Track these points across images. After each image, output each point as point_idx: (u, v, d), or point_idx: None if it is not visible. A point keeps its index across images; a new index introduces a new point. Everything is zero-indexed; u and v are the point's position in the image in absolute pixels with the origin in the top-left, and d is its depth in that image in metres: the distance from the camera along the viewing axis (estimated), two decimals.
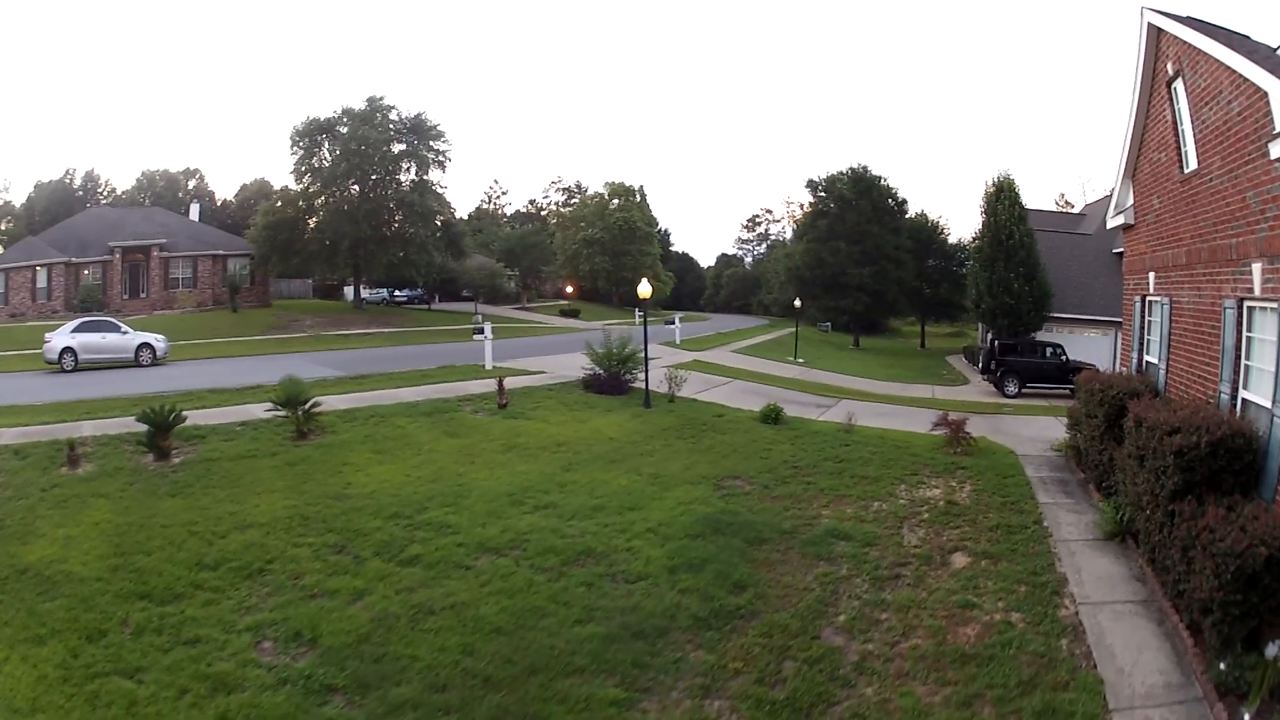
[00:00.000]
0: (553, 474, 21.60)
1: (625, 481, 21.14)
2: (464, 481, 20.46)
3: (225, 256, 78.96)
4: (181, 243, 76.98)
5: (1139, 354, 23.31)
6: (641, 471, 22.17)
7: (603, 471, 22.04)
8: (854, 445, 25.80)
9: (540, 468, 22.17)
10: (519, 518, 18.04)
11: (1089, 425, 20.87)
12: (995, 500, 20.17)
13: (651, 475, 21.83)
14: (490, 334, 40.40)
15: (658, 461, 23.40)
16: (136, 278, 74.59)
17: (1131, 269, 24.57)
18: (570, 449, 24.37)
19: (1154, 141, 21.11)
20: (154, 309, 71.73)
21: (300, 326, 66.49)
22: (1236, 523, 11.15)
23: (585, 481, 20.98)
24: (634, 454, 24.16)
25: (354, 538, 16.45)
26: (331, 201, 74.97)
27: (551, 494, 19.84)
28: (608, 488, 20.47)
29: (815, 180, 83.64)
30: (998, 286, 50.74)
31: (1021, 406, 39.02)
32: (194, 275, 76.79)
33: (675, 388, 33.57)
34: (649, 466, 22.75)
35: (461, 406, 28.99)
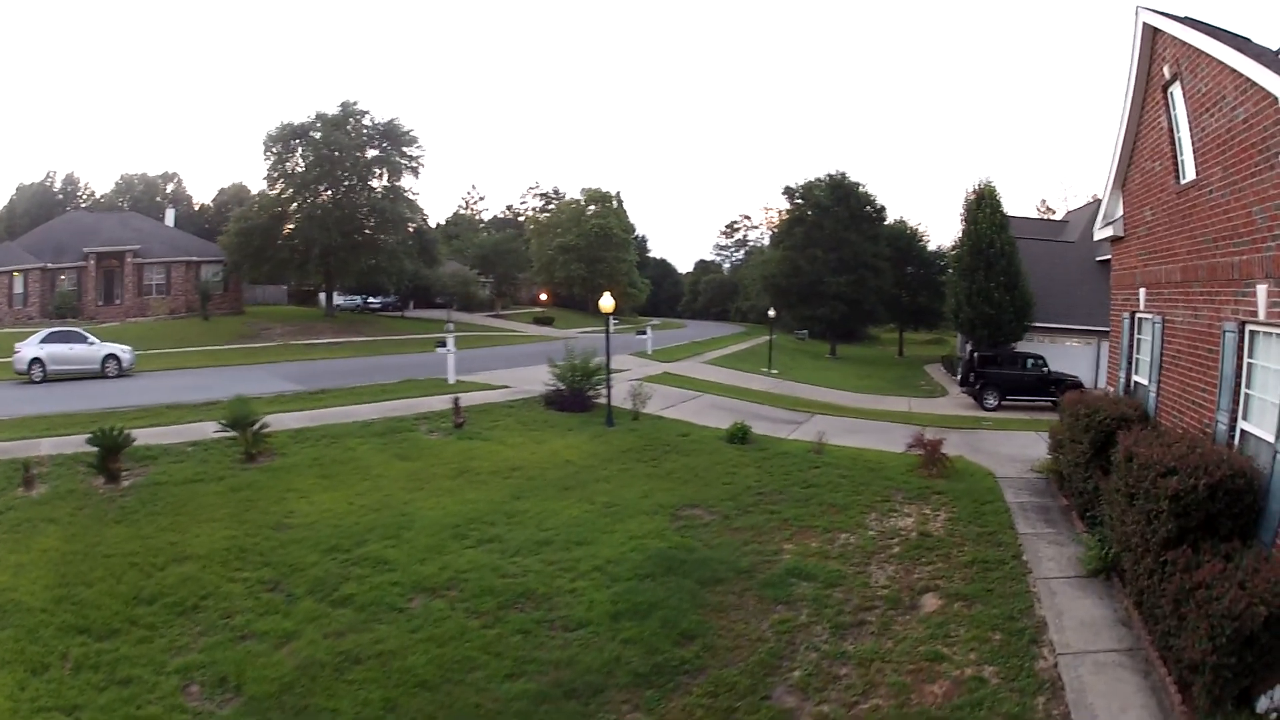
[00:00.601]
0: (502, 503, 20.37)
1: (577, 511, 19.87)
2: (409, 511, 19.40)
3: (199, 263, 77.26)
4: (155, 248, 75.22)
5: (1127, 374, 22.11)
6: (595, 500, 20.91)
7: (555, 500, 20.80)
8: (824, 468, 24.55)
9: (490, 495, 20.93)
10: (460, 553, 16.89)
11: (1073, 450, 19.68)
12: (971, 530, 18.99)
13: (605, 504, 20.55)
14: (453, 346, 38.82)
15: (614, 488, 22.14)
16: (111, 284, 72.84)
17: (1120, 283, 23.35)
18: (524, 474, 23.14)
19: (1147, 150, 19.98)
20: (127, 316, 70.13)
21: (270, 335, 64.89)
22: (1234, 578, 10.10)
23: (535, 512, 19.75)
24: (590, 480, 22.91)
25: (289, 573, 15.59)
26: (303, 208, 73.41)
27: (498, 526, 18.63)
28: (558, 519, 19.24)
29: (792, 187, 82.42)
30: (977, 296, 49.41)
31: (1001, 420, 37.94)
32: (167, 282, 75.03)
33: (639, 405, 32.21)
34: (604, 494, 21.48)
35: (417, 426, 27.82)
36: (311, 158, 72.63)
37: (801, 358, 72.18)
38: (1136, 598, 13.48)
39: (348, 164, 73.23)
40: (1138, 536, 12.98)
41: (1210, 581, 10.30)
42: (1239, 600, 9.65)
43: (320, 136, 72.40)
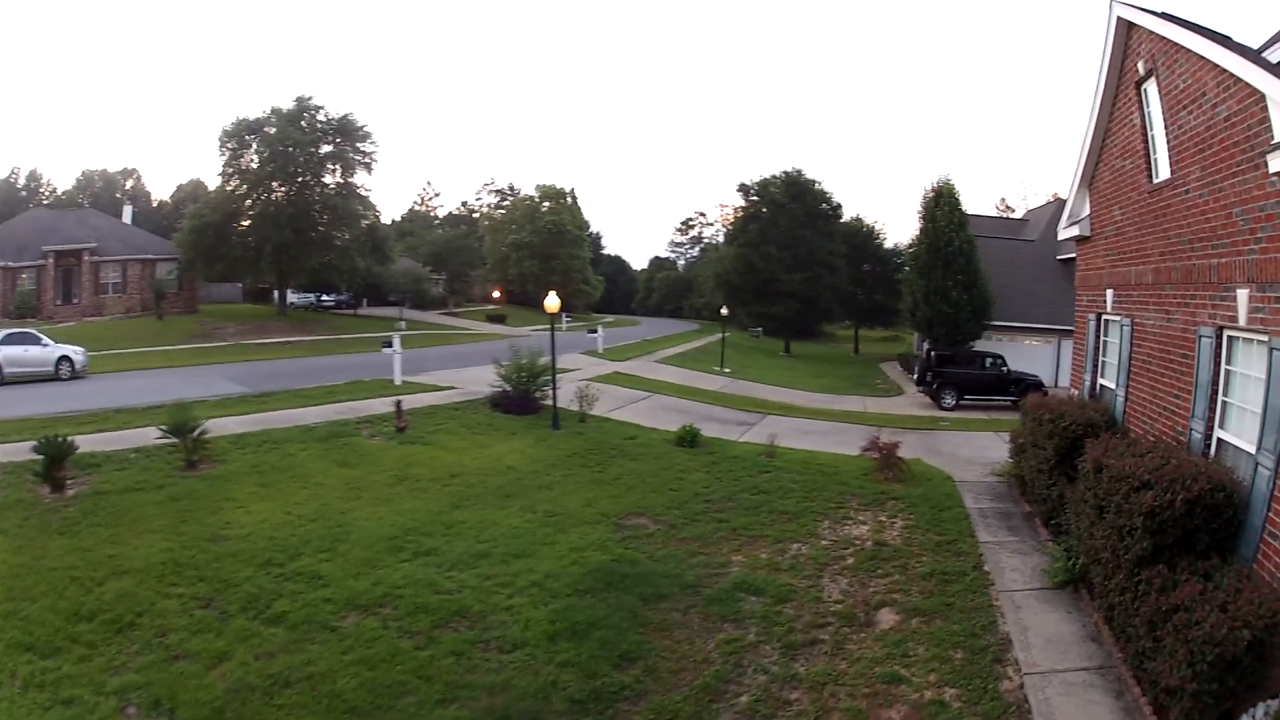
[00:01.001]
0: (440, 512, 19.37)
1: (517, 521, 18.94)
2: (345, 521, 18.37)
3: (154, 260, 75.59)
4: (112, 246, 73.28)
5: (1092, 376, 21.32)
6: (536, 509, 19.99)
7: (495, 509, 19.85)
8: (776, 472, 23.78)
9: (428, 504, 19.94)
10: (395, 567, 15.93)
11: (1036, 456, 19.00)
12: (930, 539, 18.27)
13: (547, 513, 19.64)
14: (399, 347, 37.55)
15: (556, 496, 21.21)
16: (69, 283, 70.98)
17: (1086, 284, 22.53)
18: (464, 481, 22.13)
19: (1118, 147, 19.22)
20: (84, 315, 68.42)
21: (222, 335, 63.82)
22: (1215, 600, 9.53)
23: (474, 522, 18.77)
24: (532, 486, 21.97)
25: (223, 589, 14.67)
26: (257, 204, 72.34)
27: (435, 537, 17.64)
28: (497, 529, 18.29)
29: (747, 184, 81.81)
30: (935, 294, 49.15)
31: (959, 421, 37.36)
32: (124, 280, 73.22)
33: (586, 406, 31.18)
34: (546, 502, 20.56)
35: (360, 430, 26.66)
36: (265, 153, 71.35)
37: (756, 356, 71.59)
38: (1107, 613, 12.92)
39: (301, 160, 71.98)
40: (1108, 551, 12.37)
41: (1189, 604, 9.73)
42: (1220, 625, 9.09)
43: (275, 132, 71.10)
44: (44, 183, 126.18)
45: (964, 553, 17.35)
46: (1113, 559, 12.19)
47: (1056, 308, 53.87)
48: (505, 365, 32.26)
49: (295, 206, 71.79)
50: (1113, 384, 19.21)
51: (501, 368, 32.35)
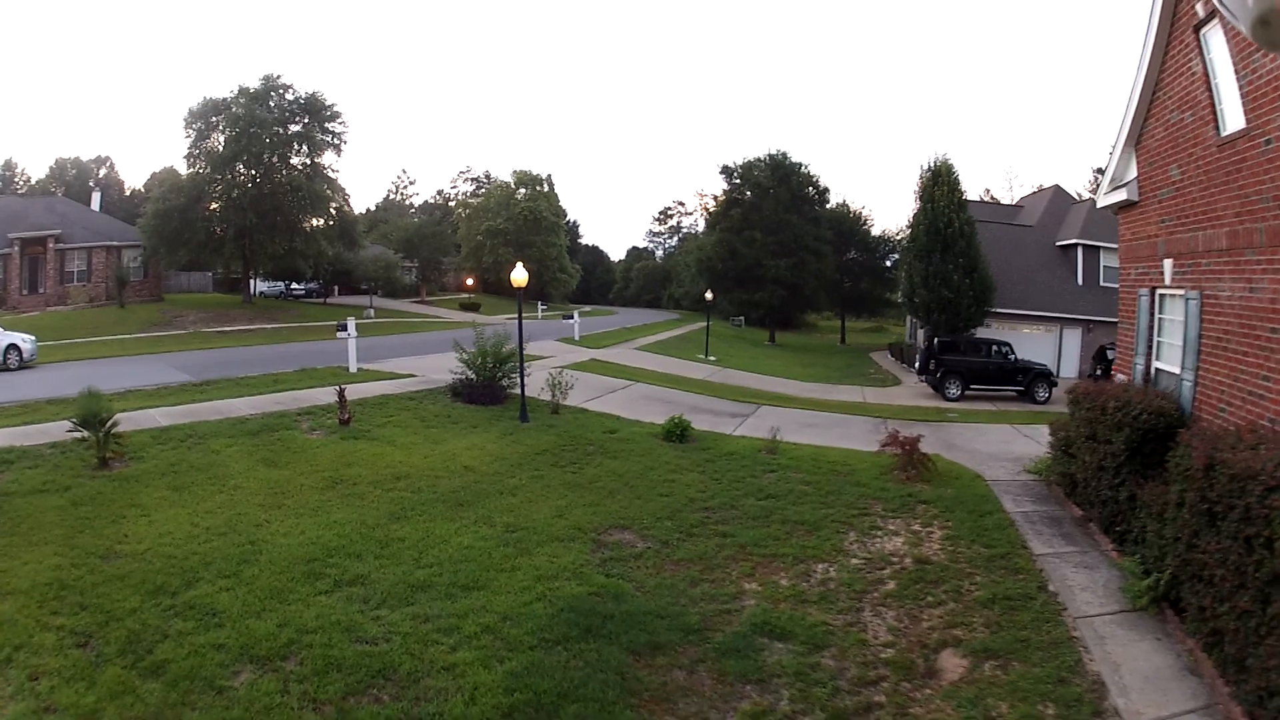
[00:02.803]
0: (376, 526, 15.84)
1: (470, 538, 15.34)
2: (259, 537, 14.95)
3: (119, 248, 72.74)
4: (78, 234, 70.64)
5: (1146, 360, 18.56)
6: (495, 521, 16.36)
7: (444, 521, 16.26)
8: (781, 471, 20.47)
9: (363, 515, 16.39)
10: (310, 601, 12.41)
11: (1094, 451, 16.15)
12: (978, 553, 15.11)
13: (508, 527, 16.05)
14: (354, 331, 34.56)
15: (521, 504, 17.62)
16: (35, 271, 68.60)
17: (1134, 255, 19.82)
18: (410, 485, 18.58)
19: (1173, 99, 16.98)
20: (49, 304, 66.34)
21: (182, 323, 61.90)
22: None
23: (415, 539, 15.18)
24: (492, 492, 18.38)
25: (105, 623, 11.59)
26: (221, 186, 69.41)
27: (365, 560, 14.08)
28: (444, 550, 14.70)
29: (730, 166, 79.49)
30: (935, 279, 46.43)
31: (967, 412, 34.41)
32: (89, 268, 70.74)
33: (560, 396, 27.75)
34: (508, 512, 16.99)
35: (299, 422, 23.61)
36: (230, 134, 68.45)
37: (740, 345, 69.01)
38: (1207, 639, 10.72)
39: (266, 140, 69.02)
40: (1223, 567, 10.17)
41: None
42: None
43: (241, 112, 68.02)
44: (18, 172, 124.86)
45: (1021, 569, 14.33)
46: (1232, 576, 9.99)
47: (1056, 295, 52.40)
48: (469, 350, 28.93)
49: (260, 189, 69.27)
50: (1175, 367, 16.72)
51: (464, 353, 28.96)
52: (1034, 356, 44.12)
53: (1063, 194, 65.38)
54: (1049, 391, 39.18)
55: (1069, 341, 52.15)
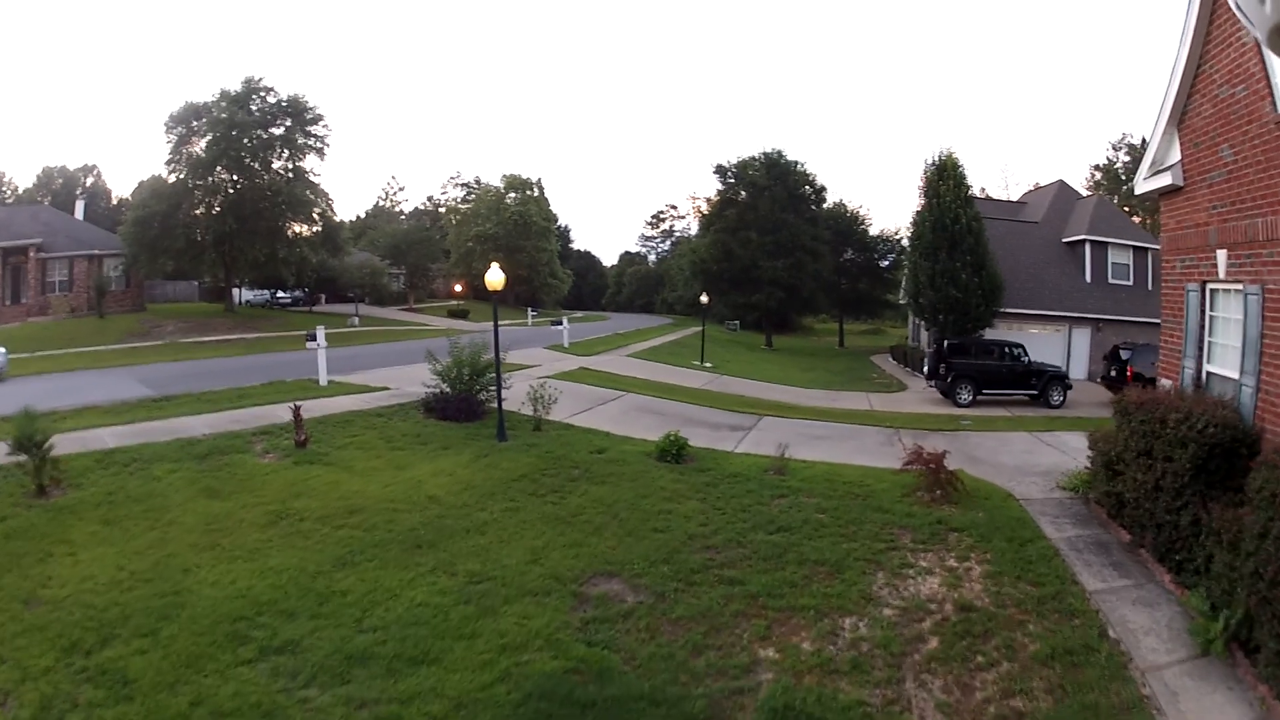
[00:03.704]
0: (318, 573, 13.73)
1: (425, 592, 13.11)
2: (185, 585, 13.01)
3: (101, 256, 70.92)
4: (60, 243, 69.00)
5: (1196, 363, 16.62)
6: (458, 568, 14.16)
7: (397, 568, 14.13)
8: (792, 495, 18.21)
9: (304, 560, 14.27)
10: (229, 673, 10.48)
11: (1150, 469, 14.29)
12: (1025, 592, 13.18)
13: (473, 576, 13.78)
14: (323, 341, 32.22)
15: (491, 544, 15.30)
16: (18, 281, 67.25)
17: (1179, 246, 17.76)
18: (364, 521, 16.35)
19: (1221, 73, 15.35)
20: (30, 315, 64.77)
21: (160, 333, 60.16)
22: None
23: (361, 592, 13.10)
24: (458, 529, 16.02)
25: (19, 683, 10.20)
26: (201, 193, 67.64)
27: (299, 620, 12.05)
28: (393, 607, 12.59)
29: (725, 165, 77.62)
30: (942, 278, 44.20)
31: (981, 419, 32.11)
32: (70, 278, 69.04)
33: (542, 410, 25.38)
34: (474, 556, 14.70)
35: (252, 444, 21.44)
36: (211, 138, 66.57)
37: (736, 349, 67.09)
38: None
39: (247, 143, 67.11)
40: None
41: None
42: None
43: (223, 116, 66.07)
44: (6, 181, 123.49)
45: (1076, 611, 12.47)
46: None
47: (1064, 293, 50.89)
48: (444, 361, 26.64)
49: (240, 194, 67.53)
50: (1231, 371, 15.01)
51: (438, 364, 26.62)
52: (1042, 357, 42.47)
53: (1067, 189, 63.45)
54: (1064, 395, 37.25)
55: (1078, 341, 50.40)
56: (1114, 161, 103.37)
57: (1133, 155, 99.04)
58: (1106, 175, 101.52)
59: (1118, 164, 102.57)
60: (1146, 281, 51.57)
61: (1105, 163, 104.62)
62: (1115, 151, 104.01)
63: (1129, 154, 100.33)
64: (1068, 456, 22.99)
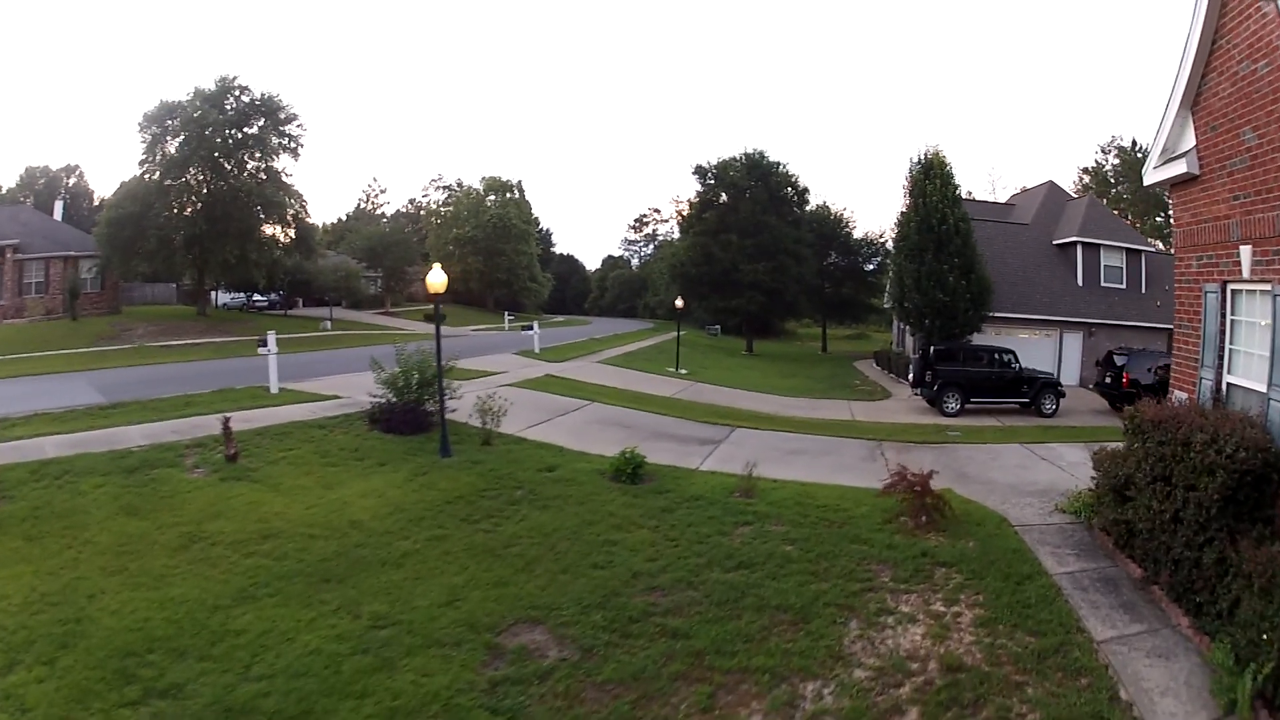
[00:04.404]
0: (217, 607, 12.22)
1: (321, 636, 11.37)
2: (89, 612, 11.98)
3: (78, 258, 69.57)
4: (38, 244, 67.45)
5: (1216, 374, 14.81)
6: (364, 608, 12.31)
7: (299, 604, 12.39)
8: (758, 523, 16.21)
9: (206, 591, 12.77)
10: (114, 714, 9.48)
11: (1164, 496, 12.64)
12: (1024, 644, 11.28)
13: (377, 619, 11.87)
14: (274, 347, 30.68)
15: (406, 581, 13.45)
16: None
17: (1195, 242, 15.91)
18: (276, 548, 14.64)
19: (1239, 48, 13.82)
20: (6, 316, 63.22)
21: (130, 337, 58.62)
22: None
23: (257, 632, 11.48)
24: (374, 561, 14.19)
25: None
26: (173, 191, 66.04)
27: (189, 660, 10.72)
28: (285, 653, 10.88)
29: (705, 166, 75.58)
30: (928, 281, 42.12)
31: (970, 430, 30.29)
32: (46, 279, 67.62)
33: (492, 423, 23.36)
34: (384, 594, 12.90)
35: (184, 457, 19.91)
36: (184, 137, 65.13)
37: (715, 355, 65.35)
38: None
39: (220, 142, 65.80)
40: None
41: None
42: None
43: (196, 115, 64.61)
44: None
45: (1083, 668, 10.68)
46: None
47: (1055, 297, 49.57)
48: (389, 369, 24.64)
49: (212, 195, 66.12)
50: (1258, 383, 13.43)
51: (384, 372, 24.59)
52: (1033, 363, 40.46)
53: (1057, 190, 61.65)
54: (1056, 403, 35.40)
55: (1070, 346, 48.82)
56: (1103, 164, 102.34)
57: (1122, 158, 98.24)
58: (1095, 178, 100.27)
59: (1107, 166, 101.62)
60: (1140, 285, 50.25)
61: (1094, 165, 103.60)
62: (1104, 154, 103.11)
63: (1119, 156, 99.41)
64: (1065, 473, 21.46)
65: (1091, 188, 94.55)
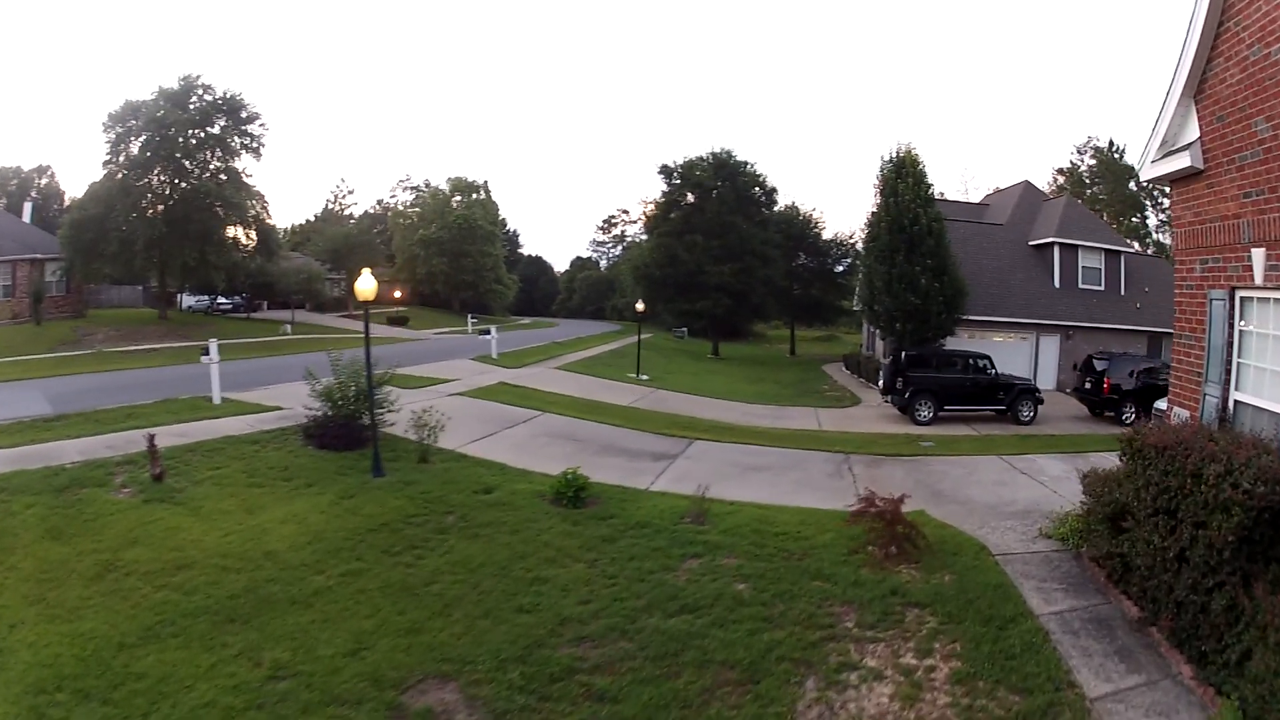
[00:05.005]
0: (123, 646, 11.28)
1: (217, 687, 10.22)
2: (9, 642, 11.40)
3: (44, 261, 67.94)
4: (5, 245, 65.45)
5: (1222, 390, 13.50)
6: (265, 655, 11.02)
7: (201, 648, 11.24)
8: (708, 555, 14.56)
9: (115, 626, 11.80)
10: None
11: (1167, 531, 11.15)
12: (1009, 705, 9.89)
13: (276, 669, 10.59)
14: (216, 356, 29.07)
15: (314, 623, 12.08)
16: None
17: (1199, 243, 14.48)
18: (188, 580, 13.47)
19: (1249, 30, 12.72)
20: None
21: (91, 341, 57.19)
22: None
23: (157, 676, 10.50)
24: (282, 600, 12.84)
25: None
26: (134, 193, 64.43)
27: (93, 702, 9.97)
28: (180, 703, 9.92)
29: (670, 165, 74.12)
30: (899, 283, 40.55)
31: (944, 440, 28.76)
32: (13, 282, 65.61)
33: (429, 438, 21.64)
34: (288, 639, 11.53)
35: (114, 475, 18.54)
36: (145, 138, 63.90)
37: (680, 359, 64.12)
38: None
39: (181, 141, 64.42)
40: None
41: None
42: None
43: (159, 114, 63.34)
44: None
45: None
46: None
47: (1031, 299, 48.39)
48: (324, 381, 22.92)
49: (172, 196, 64.90)
50: (1272, 403, 12.41)
51: (319, 383, 22.80)
52: (1008, 366, 38.99)
53: (1033, 190, 60.44)
54: (1034, 410, 33.94)
55: (1046, 350, 47.47)
56: (1078, 165, 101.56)
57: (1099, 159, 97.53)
58: (1070, 179, 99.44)
59: (1082, 167, 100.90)
60: (1119, 286, 49.21)
61: (1069, 166, 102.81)
62: (1080, 155, 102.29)
63: (1095, 157, 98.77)
64: (1048, 489, 20.00)
65: (1066, 189, 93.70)
